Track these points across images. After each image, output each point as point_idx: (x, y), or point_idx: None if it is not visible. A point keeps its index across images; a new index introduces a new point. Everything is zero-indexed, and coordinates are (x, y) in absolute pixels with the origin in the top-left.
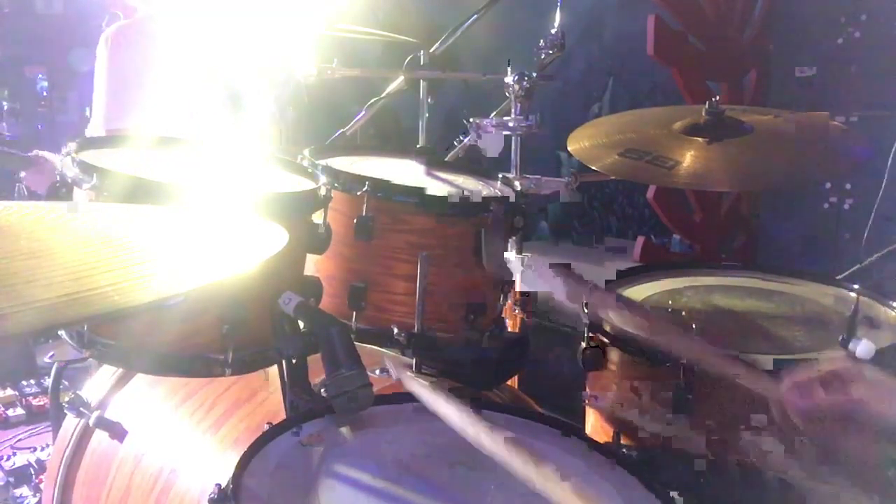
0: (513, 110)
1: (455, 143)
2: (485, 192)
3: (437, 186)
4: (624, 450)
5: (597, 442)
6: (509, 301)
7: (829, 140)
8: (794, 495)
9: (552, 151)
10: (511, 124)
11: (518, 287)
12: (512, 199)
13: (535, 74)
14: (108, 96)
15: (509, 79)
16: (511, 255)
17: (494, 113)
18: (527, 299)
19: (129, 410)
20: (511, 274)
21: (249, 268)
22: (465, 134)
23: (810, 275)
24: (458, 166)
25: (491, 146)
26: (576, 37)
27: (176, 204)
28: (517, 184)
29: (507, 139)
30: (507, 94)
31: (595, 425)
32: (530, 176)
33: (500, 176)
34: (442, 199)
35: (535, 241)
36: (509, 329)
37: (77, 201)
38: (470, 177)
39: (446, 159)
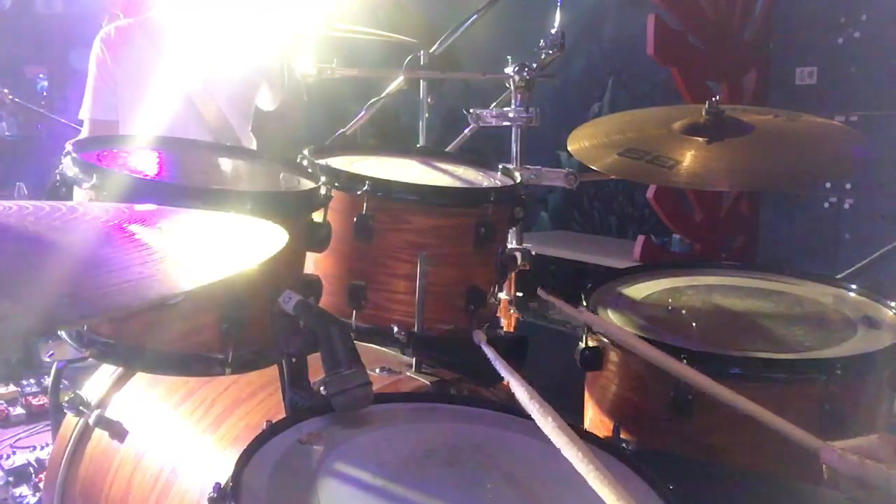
0: (513, 101)
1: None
2: (485, 183)
3: (437, 178)
4: (624, 444)
5: (596, 437)
6: (504, 300)
7: (829, 140)
8: (794, 496)
9: (552, 151)
10: (511, 115)
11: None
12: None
13: (535, 65)
14: (94, 89)
15: (510, 69)
16: None
17: (495, 104)
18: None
19: (129, 409)
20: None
21: (249, 267)
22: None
23: (810, 275)
24: (458, 157)
25: None
26: (576, 37)
27: (176, 204)
28: (517, 174)
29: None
30: (507, 84)
31: (594, 420)
32: (531, 167)
33: (500, 167)
34: (442, 191)
35: (535, 232)
36: (505, 329)
37: (77, 201)
38: (470, 167)
39: (447, 150)
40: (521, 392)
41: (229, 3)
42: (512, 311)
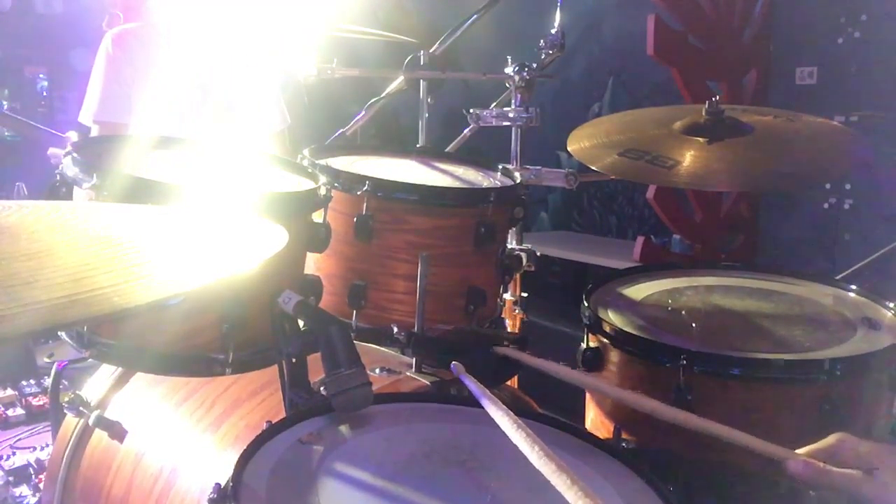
0: (513, 101)
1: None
2: (485, 183)
3: (437, 178)
4: (624, 445)
5: (597, 438)
6: (509, 300)
7: (829, 140)
8: (793, 496)
9: (552, 151)
10: (511, 115)
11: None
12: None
13: (535, 65)
14: (104, 90)
15: (510, 69)
16: None
17: (495, 104)
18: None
19: (129, 410)
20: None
21: (249, 267)
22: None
23: (810, 275)
24: (458, 157)
25: None
26: (576, 37)
27: (176, 204)
28: (517, 174)
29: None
30: (507, 85)
31: (595, 420)
32: (531, 167)
33: (500, 167)
34: (442, 191)
35: (535, 232)
36: (509, 329)
37: (77, 201)
38: (470, 168)
39: (447, 150)
40: (505, 422)
41: (235, 4)
42: (517, 311)
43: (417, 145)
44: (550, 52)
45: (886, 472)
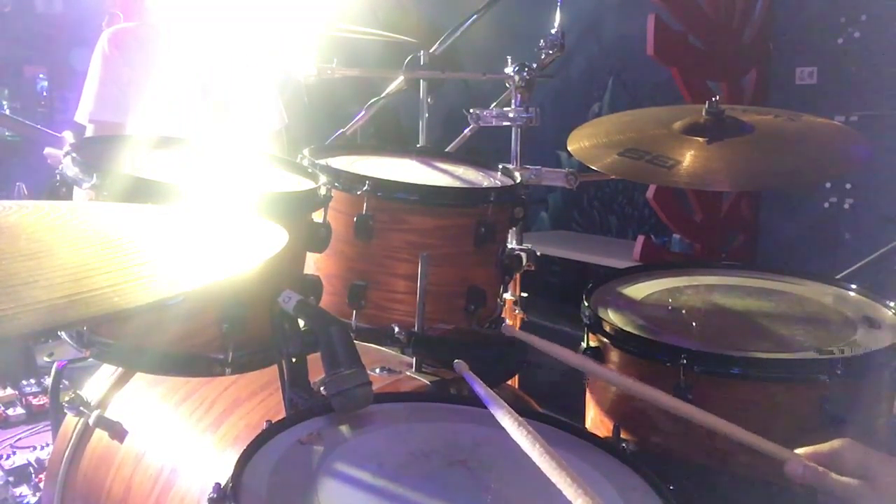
0: (513, 101)
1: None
2: (485, 183)
3: (437, 178)
4: (624, 444)
5: (597, 437)
6: (509, 300)
7: (829, 140)
8: (792, 498)
9: (552, 151)
10: (511, 115)
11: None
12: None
13: (535, 65)
14: (99, 89)
15: (510, 69)
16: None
17: (495, 104)
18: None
19: (129, 410)
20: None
21: (249, 268)
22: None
23: (810, 275)
24: (458, 157)
25: None
26: (576, 37)
27: (176, 204)
28: (517, 174)
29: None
30: (507, 84)
31: (595, 420)
32: (531, 167)
33: (500, 166)
34: (442, 191)
35: (535, 232)
36: None
37: (77, 201)
38: (470, 167)
39: (447, 150)
40: (506, 419)
41: (234, 4)
42: (517, 311)
43: (417, 145)
44: (550, 52)
45: (886, 483)
